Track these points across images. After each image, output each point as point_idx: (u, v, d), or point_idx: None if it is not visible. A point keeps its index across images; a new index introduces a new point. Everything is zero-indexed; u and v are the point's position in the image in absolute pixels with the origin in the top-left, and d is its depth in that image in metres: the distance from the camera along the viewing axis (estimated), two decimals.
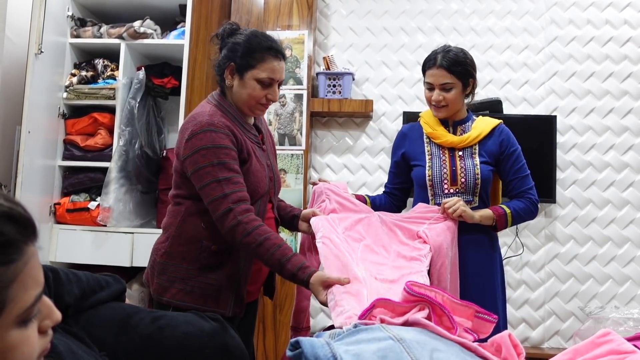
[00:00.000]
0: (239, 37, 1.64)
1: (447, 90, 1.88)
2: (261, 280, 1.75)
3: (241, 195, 1.50)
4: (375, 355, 0.83)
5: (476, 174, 1.89)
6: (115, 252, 2.73)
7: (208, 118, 1.56)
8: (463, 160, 1.91)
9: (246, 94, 1.62)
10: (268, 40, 1.63)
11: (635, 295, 3.08)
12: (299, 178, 3.12)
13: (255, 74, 1.60)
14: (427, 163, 1.94)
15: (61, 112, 2.87)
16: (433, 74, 1.89)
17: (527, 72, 3.27)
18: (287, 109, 3.18)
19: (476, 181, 1.88)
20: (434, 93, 1.90)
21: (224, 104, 1.64)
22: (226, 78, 1.64)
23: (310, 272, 1.43)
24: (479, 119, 1.99)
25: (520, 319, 3.13)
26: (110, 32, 2.91)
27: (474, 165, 1.89)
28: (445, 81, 1.87)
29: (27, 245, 0.59)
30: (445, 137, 1.93)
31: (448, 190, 1.90)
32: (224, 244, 1.58)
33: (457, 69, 1.87)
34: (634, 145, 3.17)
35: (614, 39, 3.24)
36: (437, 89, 1.89)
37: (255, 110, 1.66)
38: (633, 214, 3.14)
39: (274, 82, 1.63)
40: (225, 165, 1.51)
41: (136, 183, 2.82)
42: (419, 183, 1.97)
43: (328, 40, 3.41)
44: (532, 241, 3.17)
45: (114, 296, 1.17)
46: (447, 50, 1.90)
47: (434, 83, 1.89)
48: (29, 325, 0.59)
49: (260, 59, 1.60)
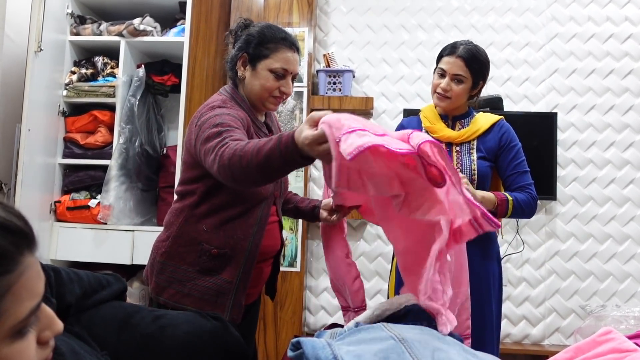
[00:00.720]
0: (252, 29, 1.61)
1: (458, 82, 1.87)
2: (262, 283, 1.73)
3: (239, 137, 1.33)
4: (376, 356, 0.82)
5: (472, 170, 1.86)
6: (115, 250, 2.73)
7: (219, 102, 1.52)
8: (460, 156, 1.89)
9: (259, 85, 1.57)
10: (282, 31, 1.60)
11: (635, 292, 3.08)
12: (299, 176, 3.12)
13: (268, 64, 1.56)
14: None
15: (61, 110, 2.87)
16: (450, 62, 1.86)
17: (528, 69, 3.26)
18: (287, 107, 3.17)
19: (472, 177, 1.86)
20: (444, 80, 1.87)
21: (236, 97, 1.60)
22: (238, 69, 1.60)
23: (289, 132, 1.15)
24: (480, 115, 1.98)
25: (521, 316, 3.13)
26: (110, 30, 2.91)
27: (470, 162, 1.87)
28: (460, 72, 1.85)
29: (23, 256, 0.58)
30: (443, 131, 1.91)
31: None
32: (224, 249, 1.54)
33: (474, 66, 1.86)
34: (634, 143, 3.17)
35: (614, 36, 3.23)
36: (449, 77, 1.86)
37: (268, 104, 1.60)
38: (634, 211, 3.14)
39: (287, 73, 1.58)
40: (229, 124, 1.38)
41: (136, 181, 2.82)
42: None
43: (328, 37, 3.41)
44: (533, 238, 3.17)
45: (115, 295, 1.16)
46: (471, 44, 1.89)
47: (447, 70, 1.86)
48: (25, 336, 0.58)
49: (274, 49, 1.56)
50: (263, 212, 1.59)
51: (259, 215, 1.57)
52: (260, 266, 1.65)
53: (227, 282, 1.55)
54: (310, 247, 3.28)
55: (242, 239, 1.55)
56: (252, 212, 1.57)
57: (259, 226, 1.58)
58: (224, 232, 1.54)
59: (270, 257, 1.71)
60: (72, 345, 0.89)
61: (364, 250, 3.25)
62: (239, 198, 1.54)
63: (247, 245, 1.56)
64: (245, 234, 1.55)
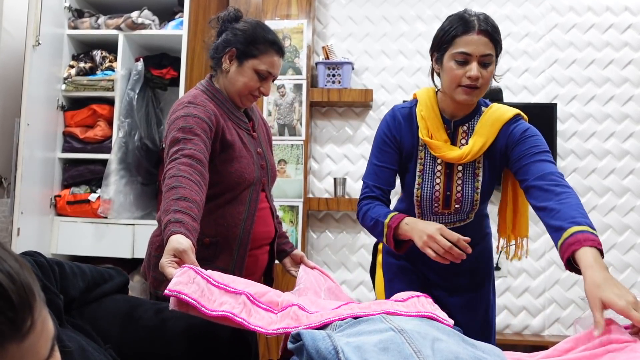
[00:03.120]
0: (243, 26, 1.64)
1: (486, 66, 1.45)
2: (259, 271, 1.75)
3: (194, 152, 1.42)
4: (376, 347, 0.83)
5: (474, 201, 1.55)
6: (116, 244, 2.74)
7: (190, 98, 1.58)
8: (461, 182, 1.55)
9: (242, 83, 1.62)
10: (273, 34, 1.64)
11: (635, 282, 3.09)
12: (299, 168, 3.12)
13: (255, 64, 1.60)
14: (416, 179, 1.57)
15: (60, 104, 2.87)
16: (473, 41, 1.42)
17: (528, 60, 3.26)
18: (286, 99, 3.17)
19: (473, 206, 1.56)
20: (472, 67, 1.43)
21: (211, 89, 1.65)
22: (224, 62, 1.64)
23: (177, 230, 1.21)
24: (489, 113, 1.54)
25: (521, 307, 3.15)
26: (108, 23, 2.90)
27: (473, 190, 1.54)
28: (488, 52, 1.44)
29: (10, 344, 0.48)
30: (443, 150, 1.52)
31: (438, 210, 1.58)
32: (216, 237, 1.58)
33: (498, 38, 1.47)
34: (634, 133, 3.17)
35: (614, 26, 3.22)
36: (475, 61, 1.43)
37: (245, 100, 1.66)
38: (633, 202, 3.14)
39: (270, 76, 1.64)
40: (191, 129, 1.47)
41: (136, 175, 2.82)
42: (406, 192, 1.63)
43: (327, 29, 3.40)
44: (533, 229, 3.18)
45: (117, 289, 1.17)
46: (481, 13, 1.48)
47: (473, 53, 1.42)
48: None
49: (263, 51, 1.60)
50: (252, 198, 1.63)
51: (247, 202, 1.61)
52: (255, 253, 1.67)
53: (221, 270, 1.56)
54: (310, 239, 3.29)
55: (233, 226, 1.59)
56: (240, 199, 1.61)
57: (249, 212, 1.61)
58: (213, 220, 1.57)
59: (266, 245, 1.73)
60: (80, 343, 0.90)
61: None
62: (224, 186, 1.58)
63: (238, 232, 1.59)
64: (235, 220, 1.59)
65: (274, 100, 3.17)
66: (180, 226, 1.21)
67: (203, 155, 1.43)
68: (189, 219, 1.25)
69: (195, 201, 1.30)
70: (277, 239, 1.78)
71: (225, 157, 1.57)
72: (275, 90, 3.17)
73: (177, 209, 1.26)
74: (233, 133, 1.61)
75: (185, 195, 1.29)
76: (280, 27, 3.18)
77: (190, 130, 1.46)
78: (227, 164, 1.57)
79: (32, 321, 0.50)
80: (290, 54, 3.17)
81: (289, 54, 3.17)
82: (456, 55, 1.44)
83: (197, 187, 1.35)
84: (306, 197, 3.11)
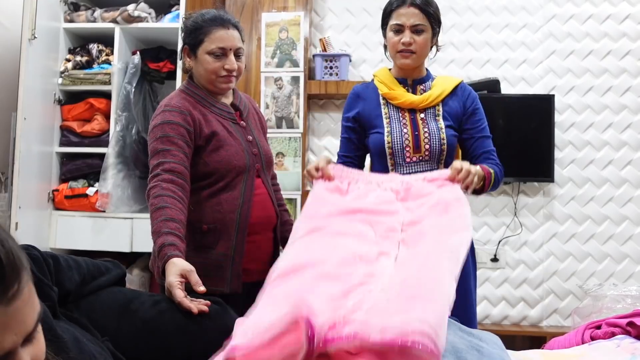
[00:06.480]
0: (185, 22, 1.70)
1: (419, 33, 1.69)
2: (261, 258, 1.73)
3: (174, 166, 1.53)
4: None
5: (442, 139, 1.71)
6: (114, 237, 2.74)
7: (167, 101, 1.63)
8: (426, 123, 1.72)
9: (203, 70, 1.65)
10: (212, 12, 1.67)
11: (633, 272, 3.10)
12: (297, 161, 3.12)
13: (205, 47, 1.63)
14: (385, 128, 1.74)
15: (57, 98, 2.86)
16: (404, 13, 1.69)
17: (525, 51, 3.24)
18: (284, 92, 3.16)
19: (442, 147, 1.71)
20: (404, 35, 1.69)
21: (190, 87, 1.69)
22: (186, 63, 1.70)
23: (174, 253, 1.34)
24: (439, 77, 1.82)
25: (519, 298, 3.15)
26: (104, 16, 2.88)
27: (438, 129, 1.71)
28: (418, 22, 1.69)
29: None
30: (405, 96, 1.74)
31: (410, 158, 1.72)
32: (213, 223, 1.61)
33: (430, 10, 1.70)
34: (632, 124, 3.16)
35: (612, 17, 3.21)
36: (408, 29, 1.69)
37: (219, 84, 1.67)
38: (631, 193, 3.14)
39: (226, 51, 1.64)
40: (169, 138, 1.56)
41: (134, 168, 2.81)
42: (377, 152, 1.77)
43: (324, 21, 3.38)
44: (531, 220, 3.18)
45: (114, 281, 1.17)
46: None
47: (404, 24, 1.69)
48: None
49: (207, 32, 1.63)
50: (247, 184, 1.66)
51: (242, 188, 1.64)
52: (255, 239, 1.68)
53: (222, 255, 1.62)
54: None
55: (230, 212, 1.62)
56: (234, 185, 1.64)
57: (245, 197, 1.65)
58: (210, 207, 1.62)
59: (267, 230, 1.73)
60: (75, 334, 0.90)
61: None
62: (217, 175, 1.63)
63: (235, 217, 1.62)
64: (232, 206, 1.62)
65: (271, 92, 3.16)
66: (175, 249, 1.35)
67: (183, 165, 1.55)
68: (179, 240, 1.40)
69: (181, 221, 1.45)
70: (281, 226, 1.78)
71: (211, 147, 1.62)
72: (272, 82, 3.16)
73: (168, 230, 1.40)
74: (214, 124, 1.65)
75: (173, 216, 1.43)
76: (278, 20, 3.16)
77: (168, 139, 1.55)
78: (214, 153, 1.62)
79: (19, 287, 0.51)
80: (287, 46, 3.16)
81: (286, 46, 3.16)
82: (393, 26, 1.72)
83: (180, 204, 1.48)
84: (304, 190, 3.11)
